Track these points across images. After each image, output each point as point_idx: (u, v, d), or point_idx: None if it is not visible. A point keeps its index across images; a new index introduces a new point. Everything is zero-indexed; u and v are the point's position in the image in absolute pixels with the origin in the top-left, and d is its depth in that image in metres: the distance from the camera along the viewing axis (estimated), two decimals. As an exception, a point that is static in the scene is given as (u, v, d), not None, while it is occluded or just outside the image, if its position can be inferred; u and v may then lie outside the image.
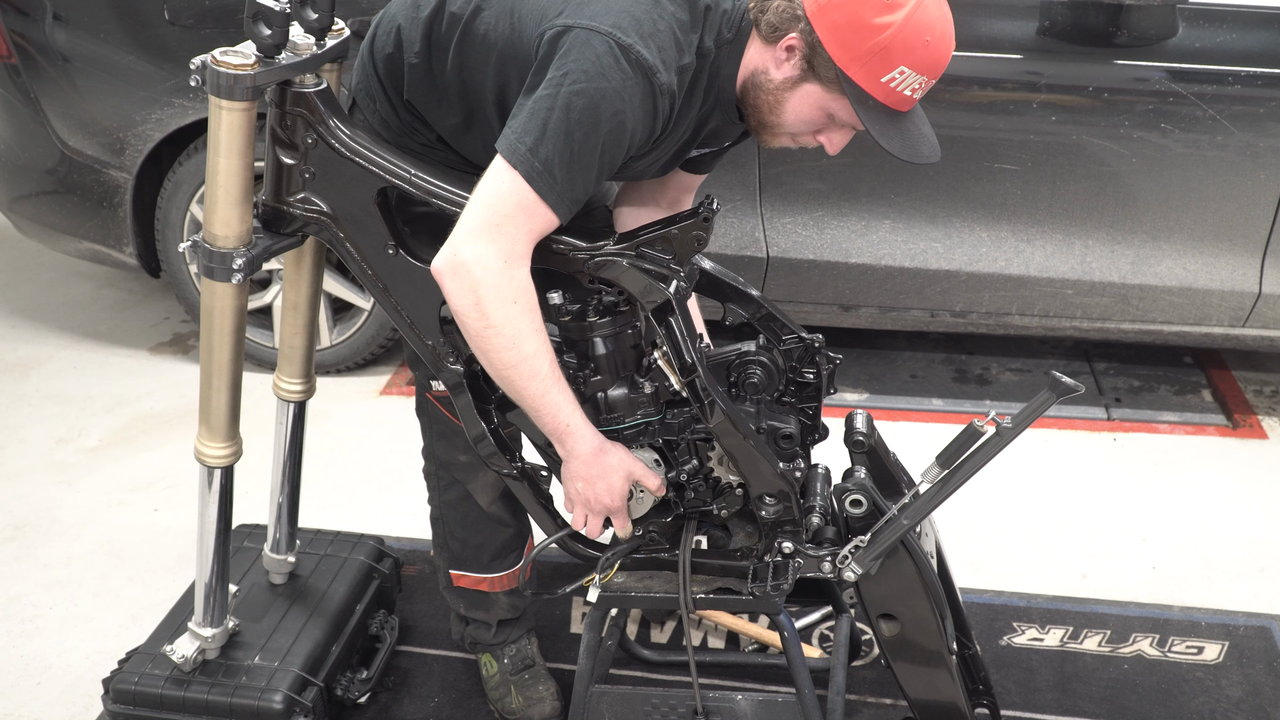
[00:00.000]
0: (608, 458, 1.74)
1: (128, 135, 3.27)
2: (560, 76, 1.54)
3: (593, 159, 1.57)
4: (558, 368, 1.68)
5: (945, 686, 1.90)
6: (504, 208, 1.58)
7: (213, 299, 1.83)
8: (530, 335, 1.62)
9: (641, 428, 1.79)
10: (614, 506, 1.77)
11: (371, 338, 3.48)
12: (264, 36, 1.66)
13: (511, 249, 1.59)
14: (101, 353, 3.72)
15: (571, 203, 1.60)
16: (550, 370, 1.66)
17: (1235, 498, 2.96)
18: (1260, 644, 2.43)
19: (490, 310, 1.59)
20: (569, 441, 1.72)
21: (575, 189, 1.59)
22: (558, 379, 1.67)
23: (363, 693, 2.23)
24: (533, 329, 1.63)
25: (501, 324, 1.60)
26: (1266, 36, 2.88)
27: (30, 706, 2.31)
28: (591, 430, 1.73)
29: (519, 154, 1.56)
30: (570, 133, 1.54)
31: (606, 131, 1.55)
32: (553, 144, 1.55)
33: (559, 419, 1.69)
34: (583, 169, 1.57)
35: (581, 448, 1.72)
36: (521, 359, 1.63)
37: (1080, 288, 3.12)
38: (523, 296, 1.61)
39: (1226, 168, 2.93)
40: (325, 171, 1.80)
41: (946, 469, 1.63)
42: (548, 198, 1.57)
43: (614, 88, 1.53)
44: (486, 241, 1.58)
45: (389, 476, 3.08)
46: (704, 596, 1.83)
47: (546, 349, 1.65)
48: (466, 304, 1.60)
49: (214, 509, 1.97)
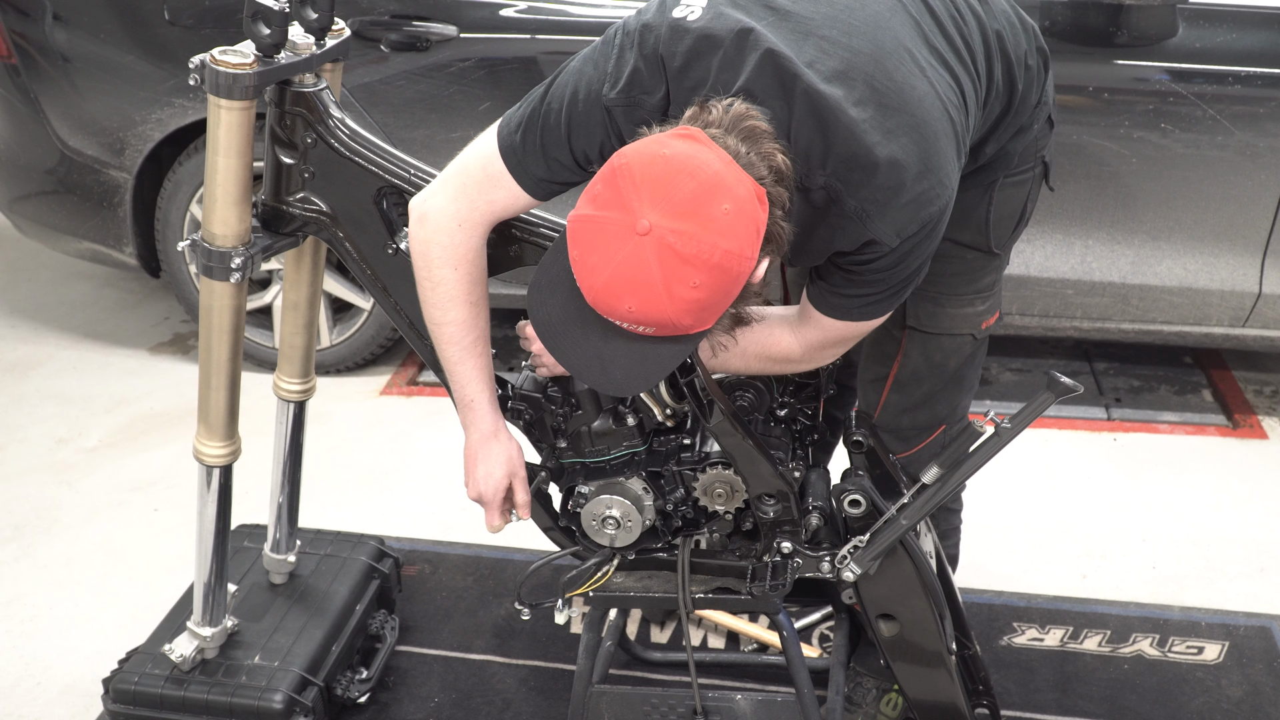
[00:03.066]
0: (495, 445, 1.77)
1: (128, 135, 3.27)
2: (575, 55, 1.55)
3: (556, 138, 1.53)
4: (483, 343, 1.71)
5: (944, 686, 1.90)
6: (474, 171, 1.60)
7: (211, 298, 1.83)
8: (461, 304, 1.66)
9: (627, 459, 1.80)
10: (484, 495, 1.80)
11: (371, 338, 3.48)
12: (263, 36, 1.66)
13: (470, 213, 1.61)
14: (101, 353, 3.72)
15: (532, 180, 1.58)
16: (472, 343, 1.69)
17: (1235, 498, 2.96)
18: (1260, 644, 2.43)
19: (434, 266, 1.63)
20: (467, 415, 1.76)
21: (535, 164, 1.57)
22: (478, 354, 1.71)
23: (363, 693, 2.24)
24: (466, 299, 1.65)
25: (440, 282, 1.64)
26: (1266, 36, 2.87)
27: (30, 706, 2.31)
28: (494, 415, 1.77)
29: (506, 118, 1.58)
30: (539, 107, 1.54)
31: (571, 114, 1.51)
32: (528, 114, 1.55)
33: (465, 391, 1.74)
34: (545, 146, 1.54)
35: (479, 425, 1.76)
36: (447, 321, 1.67)
37: (1080, 288, 3.12)
38: (464, 264, 1.63)
39: (1226, 168, 2.93)
40: (324, 171, 1.80)
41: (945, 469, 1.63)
42: (510, 163, 1.57)
43: (590, 76, 1.50)
44: (450, 198, 1.61)
45: (389, 476, 3.08)
46: (703, 596, 1.83)
47: (475, 322, 1.68)
48: (418, 250, 1.65)
49: (213, 508, 1.98)
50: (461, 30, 3.05)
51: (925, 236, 1.49)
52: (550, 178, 1.58)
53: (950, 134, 1.48)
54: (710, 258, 1.27)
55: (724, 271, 1.29)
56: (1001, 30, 1.63)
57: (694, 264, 1.27)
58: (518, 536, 2.75)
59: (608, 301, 1.30)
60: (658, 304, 1.28)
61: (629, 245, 1.26)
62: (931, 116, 1.45)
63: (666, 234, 1.25)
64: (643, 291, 1.28)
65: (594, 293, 1.31)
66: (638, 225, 1.25)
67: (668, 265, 1.26)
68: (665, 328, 1.32)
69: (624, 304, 1.29)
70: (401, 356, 3.67)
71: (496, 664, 2.39)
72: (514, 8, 3.07)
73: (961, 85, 1.53)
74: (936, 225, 1.49)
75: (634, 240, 1.26)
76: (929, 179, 1.44)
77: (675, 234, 1.25)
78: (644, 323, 1.32)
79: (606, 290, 1.29)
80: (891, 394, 1.90)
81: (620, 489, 1.80)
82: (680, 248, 1.26)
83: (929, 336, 1.84)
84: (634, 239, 1.26)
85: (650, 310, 1.29)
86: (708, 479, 1.79)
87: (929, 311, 1.82)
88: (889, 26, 1.47)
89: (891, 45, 1.46)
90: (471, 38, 3.06)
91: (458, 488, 2.97)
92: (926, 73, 1.47)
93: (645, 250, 1.26)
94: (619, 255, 1.27)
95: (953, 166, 1.49)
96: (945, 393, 1.90)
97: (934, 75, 1.48)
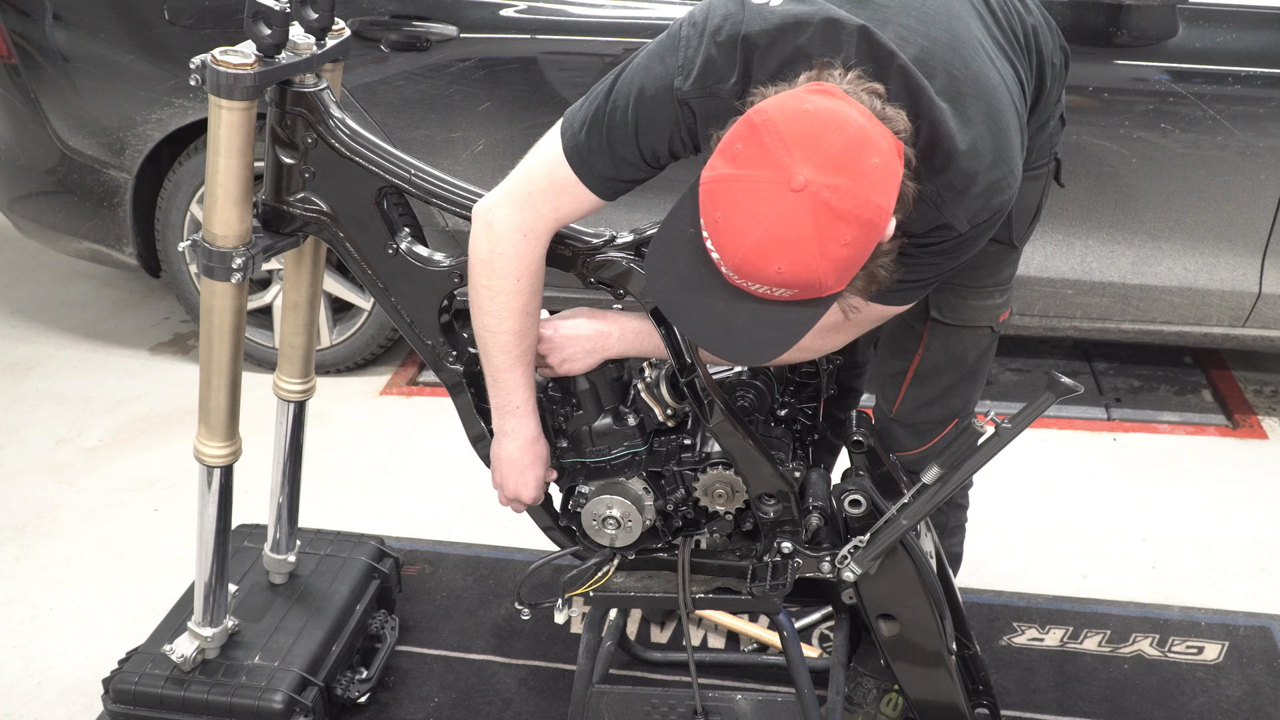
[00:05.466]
0: (542, 447, 1.79)
1: (128, 135, 3.27)
2: (638, 52, 1.53)
3: (624, 135, 1.51)
4: (532, 353, 1.71)
5: (944, 686, 1.90)
6: (539, 179, 1.58)
7: (212, 298, 1.83)
8: (517, 315, 1.65)
9: (628, 459, 1.80)
10: (528, 498, 1.82)
11: (371, 338, 3.48)
12: (264, 36, 1.66)
13: (535, 222, 1.60)
14: (101, 353, 3.72)
15: (599, 179, 1.56)
16: (523, 353, 1.70)
17: (1235, 498, 2.96)
18: (1260, 644, 2.43)
19: (496, 275, 1.62)
20: (511, 420, 1.76)
21: (602, 163, 1.54)
22: (527, 363, 1.71)
23: (363, 693, 2.23)
24: (523, 310, 1.65)
25: (499, 292, 1.64)
26: (1266, 36, 2.87)
27: (30, 706, 2.31)
28: (535, 420, 1.77)
29: (569, 116, 1.56)
30: (604, 105, 1.52)
31: (639, 109, 1.48)
32: (592, 112, 1.53)
33: (511, 398, 1.74)
34: (612, 144, 1.52)
35: (522, 431, 1.76)
36: (502, 330, 1.67)
37: (1080, 288, 3.12)
38: (526, 275, 1.63)
39: (1226, 168, 2.93)
40: (325, 171, 1.80)
41: (945, 469, 1.63)
42: (574, 164, 1.55)
43: (658, 72, 1.48)
44: (516, 207, 1.60)
45: (389, 476, 3.08)
46: (703, 596, 1.83)
47: (528, 332, 1.68)
48: (479, 257, 1.63)
49: (213, 508, 1.98)
50: (461, 30, 3.05)
51: (990, 225, 1.50)
52: (617, 176, 1.56)
53: (1017, 125, 1.49)
54: (863, 213, 1.24)
55: (873, 228, 1.26)
56: (1038, 26, 1.65)
57: (847, 219, 1.23)
58: (518, 536, 2.75)
59: (755, 263, 1.25)
60: (809, 263, 1.24)
61: (782, 202, 1.22)
62: (1003, 107, 1.45)
63: (822, 189, 1.21)
64: (795, 250, 1.23)
65: (740, 254, 1.26)
66: (792, 181, 1.21)
67: (822, 222, 1.22)
68: (808, 289, 1.28)
69: (774, 265, 1.25)
70: (401, 356, 3.67)
71: (496, 664, 2.39)
72: (514, 8, 3.07)
73: (1020, 77, 1.54)
74: (1002, 214, 1.50)
75: (788, 197, 1.21)
76: (1001, 168, 1.45)
77: (830, 189, 1.22)
78: (789, 285, 1.27)
79: (756, 251, 1.24)
80: (911, 388, 1.91)
81: (621, 489, 1.81)
82: (835, 203, 1.22)
83: (950, 329, 1.85)
84: (788, 195, 1.21)
85: (800, 270, 1.25)
86: (708, 479, 1.79)
87: (951, 304, 1.83)
88: (960, 16, 1.48)
89: (965, 35, 1.46)
90: (471, 38, 3.06)
91: (458, 488, 2.99)
92: (995, 64, 1.48)
93: (800, 207, 1.21)
94: (771, 213, 1.22)
95: (1019, 157, 1.50)
96: (962, 386, 1.91)
97: (1001, 67, 1.49)
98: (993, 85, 1.45)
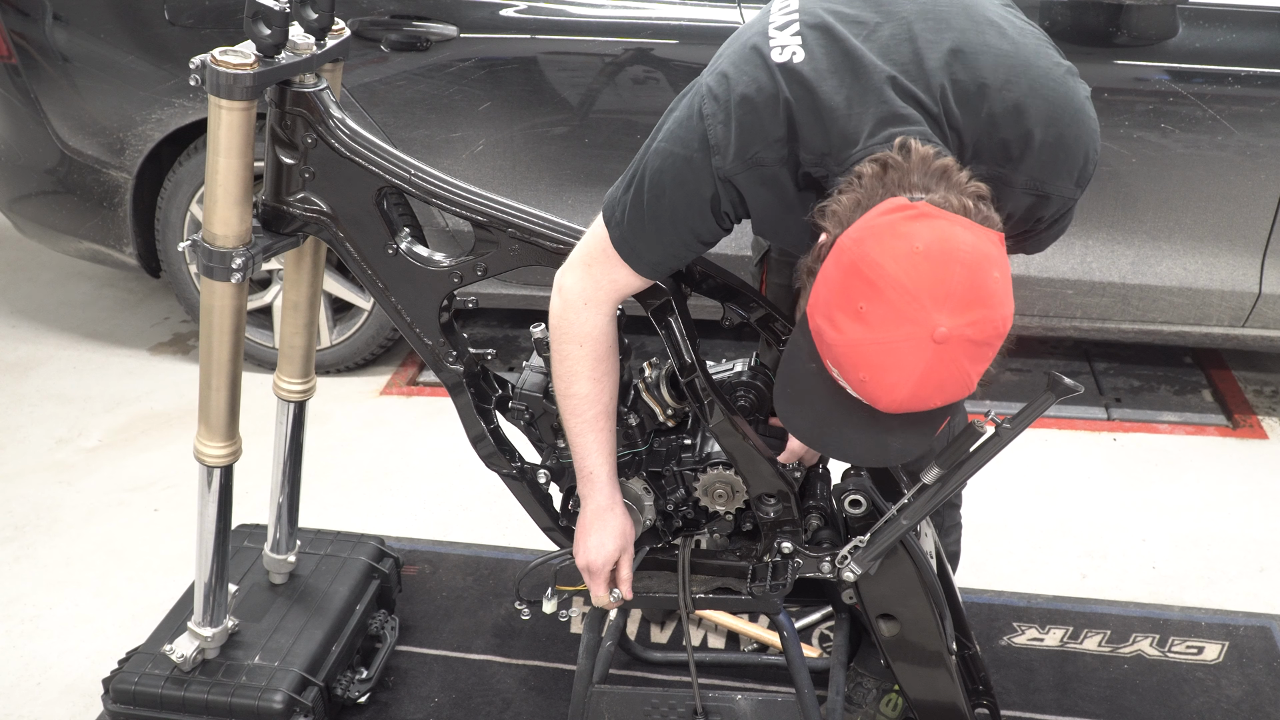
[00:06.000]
0: (611, 518, 1.75)
1: (128, 135, 3.27)
2: (661, 126, 1.51)
3: (662, 223, 1.50)
4: (606, 417, 1.69)
5: (945, 686, 1.90)
6: (596, 249, 1.57)
7: (212, 298, 1.83)
8: (585, 379, 1.65)
9: (628, 459, 1.80)
10: (593, 565, 1.77)
11: (371, 338, 3.48)
12: (263, 36, 1.66)
13: (595, 291, 1.59)
14: (101, 353, 3.72)
15: (649, 265, 1.56)
16: (594, 417, 1.68)
17: (1235, 498, 2.96)
18: (1260, 644, 2.43)
19: (561, 340, 1.64)
20: (586, 486, 1.74)
21: (649, 251, 1.54)
22: (600, 428, 1.69)
23: (363, 693, 2.23)
24: (591, 375, 1.64)
25: (565, 356, 1.64)
26: (1266, 36, 2.87)
27: (30, 706, 2.31)
28: (613, 488, 1.75)
29: (609, 200, 1.55)
30: (641, 195, 1.50)
31: (675, 199, 1.47)
32: (630, 202, 1.51)
33: (585, 463, 1.72)
34: (653, 232, 1.51)
35: (596, 498, 1.74)
36: (571, 394, 1.67)
37: (1080, 288, 3.12)
38: (589, 342, 1.62)
39: (1226, 168, 2.93)
40: (325, 171, 1.80)
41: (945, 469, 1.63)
42: (619, 248, 1.54)
43: (684, 155, 1.45)
44: (578, 275, 1.60)
45: (389, 476, 3.08)
46: (703, 596, 1.83)
47: (599, 397, 1.66)
48: (552, 324, 1.65)
49: (213, 509, 1.98)
50: (461, 30, 3.05)
51: (1090, 173, 1.50)
52: (667, 260, 1.57)
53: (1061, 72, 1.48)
54: (1000, 328, 1.27)
55: (1005, 332, 1.29)
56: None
57: (990, 342, 1.27)
58: (518, 536, 2.76)
59: (911, 405, 1.29)
60: (962, 390, 1.29)
61: (928, 354, 1.24)
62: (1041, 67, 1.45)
63: (963, 329, 1.24)
64: (950, 387, 1.28)
65: (896, 403, 1.29)
66: (934, 335, 1.23)
67: (970, 355, 1.26)
68: (956, 399, 1.32)
69: (930, 402, 1.29)
70: (401, 356, 3.67)
71: (496, 664, 2.39)
72: (514, 8, 3.07)
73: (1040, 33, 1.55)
74: (1094, 157, 1.49)
75: (932, 349, 1.23)
76: (1066, 120, 1.45)
77: (970, 326, 1.24)
78: (942, 406, 1.32)
79: (912, 398, 1.28)
80: None
81: (621, 489, 1.80)
82: (976, 336, 1.25)
83: None
84: (932, 348, 1.23)
85: (954, 397, 1.30)
86: (708, 479, 1.79)
87: None
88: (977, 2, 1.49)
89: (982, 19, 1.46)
90: (471, 38, 3.06)
91: (458, 488, 3.00)
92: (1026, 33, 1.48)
93: (946, 353, 1.24)
94: (920, 366, 1.25)
95: (1084, 98, 1.48)
96: None
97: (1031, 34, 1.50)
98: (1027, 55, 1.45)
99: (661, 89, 3.06)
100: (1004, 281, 1.28)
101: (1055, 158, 1.45)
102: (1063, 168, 1.47)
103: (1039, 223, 1.53)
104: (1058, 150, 1.45)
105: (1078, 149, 1.47)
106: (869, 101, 1.39)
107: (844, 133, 1.39)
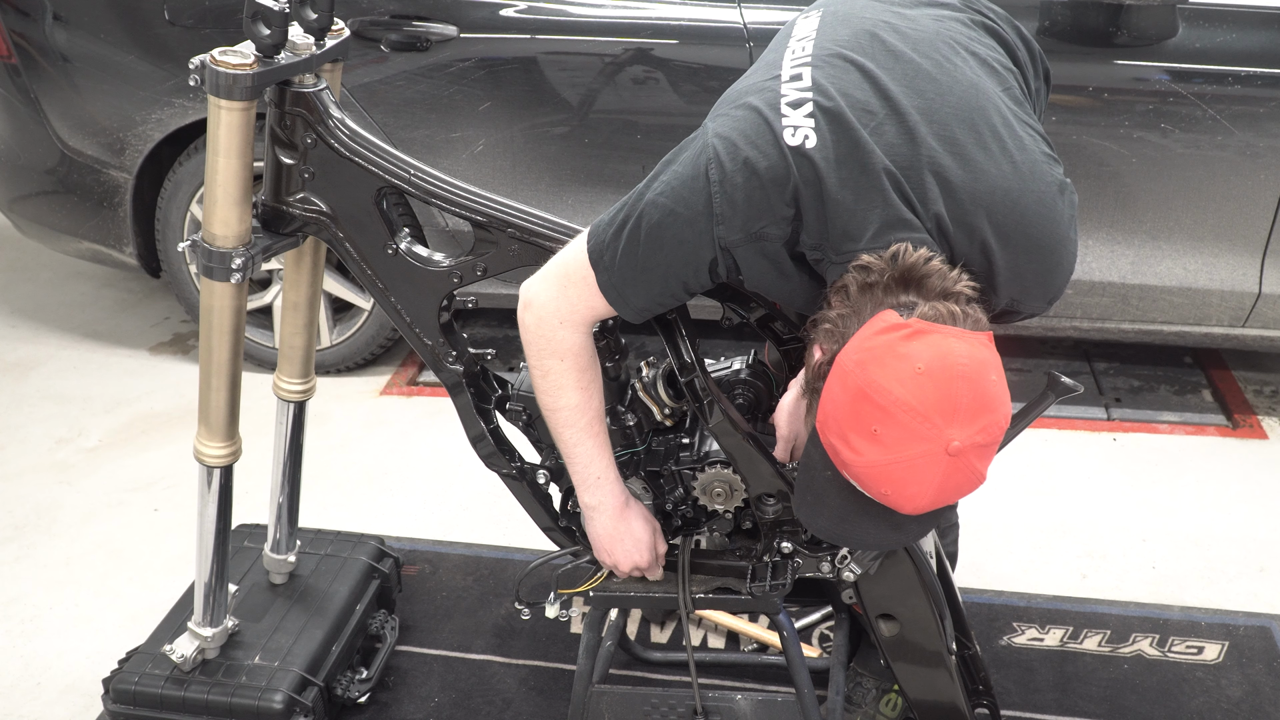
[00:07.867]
0: (631, 513, 1.75)
1: (128, 135, 3.27)
2: (659, 174, 1.49)
3: (654, 275, 1.50)
4: (599, 423, 1.68)
5: (944, 686, 1.90)
6: (575, 273, 1.56)
7: (212, 298, 1.83)
8: (571, 390, 1.64)
9: (627, 458, 1.80)
10: (644, 562, 1.78)
11: (371, 338, 3.48)
12: (263, 36, 1.66)
13: (571, 314, 1.58)
14: (101, 353, 3.72)
15: (634, 310, 1.55)
16: (587, 425, 1.67)
17: (1235, 498, 2.96)
18: (1260, 644, 2.43)
19: (539, 355, 1.63)
20: (595, 492, 1.73)
21: (637, 298, 1.53)
22: (594, 433, 1.68)
23: (363, 693, 2.23)
24: (577, 385, 1.63)
25: (548, 371, 1.63)
26: (1266, 36, 2.87)
27: (30, 706, 2.31)
28: (622, 486, 1.75)
29: (596, 236, 1.54)
30: (636, 244, 1.48)
31: (673, 256, 1.47)
32: (622, 245, 1.50)
33: (589, 470, 1.71)
34: (644, 281, 1.51)
35: (610, 500, 1.73)
36: (560, 407, 1.66)
37: (1080, 288, 3.12)
38: (570, 356, 1.61)
39: (1226, 168, 2.93)
40: (324, 171, 1.80)
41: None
42: (606, 292, 1.53)
43: (687, 217, 1.44)
44: (553, 294, 1.58)
45: (389, 476, 3.08)
46: (703, 596, 1.83)
47: (589, 404, 1.65)
48: (525, 337, 1.64)
49: (213, 509, 1.98)
50: (461, 30, 3.05)
51: (1063, 284, 1.53)
52: (651, 306, 1.56)
53: (1056, 195, 1.47)
54: (1004, 425, 1.34)
55: (1007, 427, 1.36)
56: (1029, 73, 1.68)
57: (997, 440, 1.34)
58: (518, 536, 2.76)
59: (931, 509, 1.36)
60: (974, 485, 1.35)
61: (944, 466, 1.30)
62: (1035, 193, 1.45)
63: (974, 437, 1.30)
64: (966, 487, 1.34)
65: (919, 509, 1.35)
66: (948, 449, 1.29)
67: (980, 456, 1.32)
68: (970, 493, 1.39)
69: (948, 502, 1.36)
70: (401, 356, 3.67)
71: (496, 664, 2.40)
72: (514, 8, 3.07)
73: (1043, 135, 1.53)
74: (1067, 276, 1.52)
75: (947, 461, 1.30)
76: (1045, 250, 1.47)
77: (980, 433, 1.30)
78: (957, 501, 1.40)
79: (933, 503, 1.34)
80: None
81: None
82: (985, 440, 1.31)
83: None
84: (947, 460, 1.30)
85: (968, 493, 1.36)
86: (707, 478, 1.79)
87: None
88: (982, 89, 1.48)
89: (985, 128, 1.44)
90: (471, 38, 3.06)
91: (458, 488, 2.99)
92: (1025, 144, 1.46)
93: (961, 461, 1.30)
94: (938, 477, 1.31)
95: (1070, 219, 1.49)
96: None
97: (1030, 141, 1.47)
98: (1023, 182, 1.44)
99: (661, 89, 3.06)
100: (1000, 383, 1.34)
101: (1036, 284, 1.50)
102: (1039, 292, 1.51)
103: (1009, 316, 1.57)
104: (1040, 277, 1.49)
105: (1058, 275, 1.50)
106: (875, 201, 1.40)
107: (846, 229, 1.41)
